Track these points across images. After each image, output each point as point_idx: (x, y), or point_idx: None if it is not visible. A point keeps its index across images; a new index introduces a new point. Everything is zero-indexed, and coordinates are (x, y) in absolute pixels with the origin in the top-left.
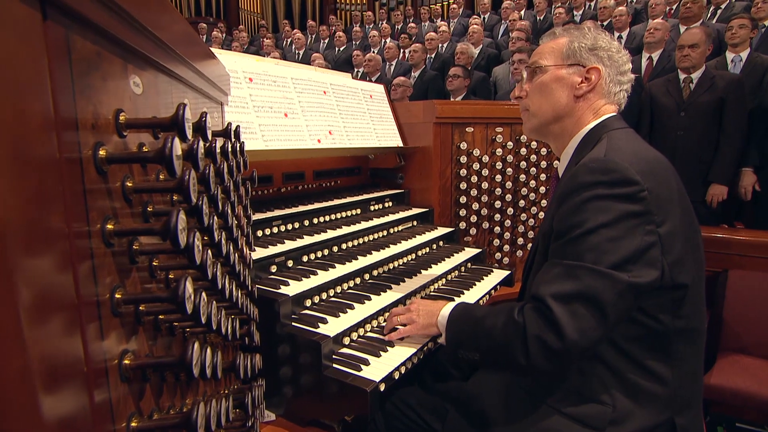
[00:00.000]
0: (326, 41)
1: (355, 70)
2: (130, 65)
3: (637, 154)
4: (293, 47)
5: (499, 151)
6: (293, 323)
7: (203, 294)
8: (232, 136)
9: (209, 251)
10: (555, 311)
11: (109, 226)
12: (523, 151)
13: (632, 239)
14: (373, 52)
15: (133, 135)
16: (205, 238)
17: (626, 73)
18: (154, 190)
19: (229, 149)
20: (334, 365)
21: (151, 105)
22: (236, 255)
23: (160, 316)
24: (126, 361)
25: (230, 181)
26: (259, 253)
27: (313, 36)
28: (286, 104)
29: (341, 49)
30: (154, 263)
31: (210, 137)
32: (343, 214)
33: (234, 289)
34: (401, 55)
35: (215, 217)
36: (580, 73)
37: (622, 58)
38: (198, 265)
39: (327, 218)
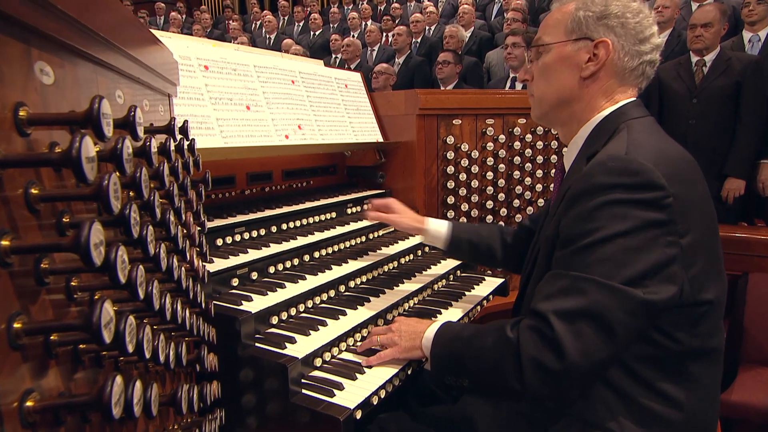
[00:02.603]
0: (301, 24)
1: (333, 56)
2: (35, 50)
3: (663, 152)
4: (263, 31)
5: (490, 146)
6: (257, 344)
7: (130, 318)
8: (177, 132)
9: (140, 266)
10: (557, 329)
11: (5, 243)
12: (517, 144)
13: (651, 252)
14: (353, 36)
15: (44, 133)
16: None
17: (648, 40)
18: (65, 198)
19: (172, 148)
20: (304, 391)
21: (68, 98)
22: (183, 269)
23: (81, 346)
24: (29, 403)
25: (173, 185)
26: (217, 264)
27: (286, 18)
28: (249, 95)
29: (317, 33)
30: (74, 283)
31: (142, 134)
32: (316, 219)
33: (180, 308)
34: (384, 39)
35: (150, 227)
36: (588, 48)
37: (641, 23)
38: (124, 284)
39: (298, 223)
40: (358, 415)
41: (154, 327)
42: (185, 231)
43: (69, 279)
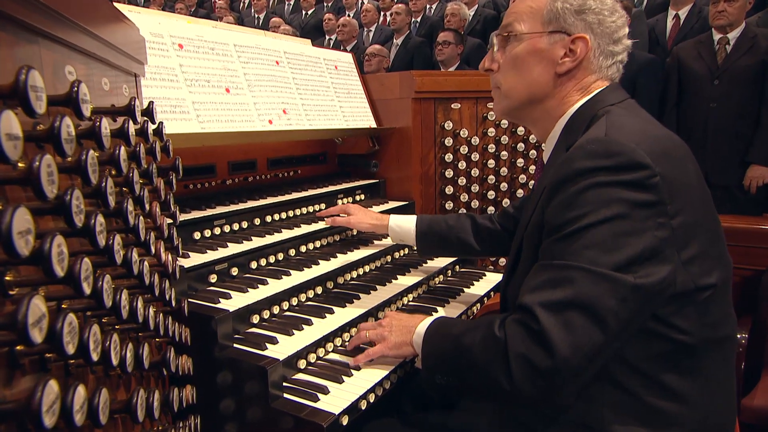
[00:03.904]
0: (292, 3)
1: (327, 37)
2: None
3: (645, 131)
4: (252, 10)
5: (491, 131)
6: (235, 345)
7: (69, 315)
8: (138, 114)
9: (85, 259)
10: (544, 322)
11: None
12: (521, 130)
13: (640, 235)
14: (348, 15)
15: None
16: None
17: (620, 41)
18: None
19: (131, 131)
20: (285, 395)
21: (3, 72)
22: (146, 264)
23: (18, 348)
24: None
25: (133, 171)
26: (194, 259)
27: None
28: (228, 77)
29: (310, 12)
30: (8, 278)
31: (88, 113)
32: (304, 210)
33: (141, 305)
34: (381, 18)
35: (99, 217)
36: (564, 43)
37: (616, 22)
38: (63, 277)
39: (283, 215)
40: (345, 421)
41: (116, 327)
42: (150, 222)
43: (2, 273)
